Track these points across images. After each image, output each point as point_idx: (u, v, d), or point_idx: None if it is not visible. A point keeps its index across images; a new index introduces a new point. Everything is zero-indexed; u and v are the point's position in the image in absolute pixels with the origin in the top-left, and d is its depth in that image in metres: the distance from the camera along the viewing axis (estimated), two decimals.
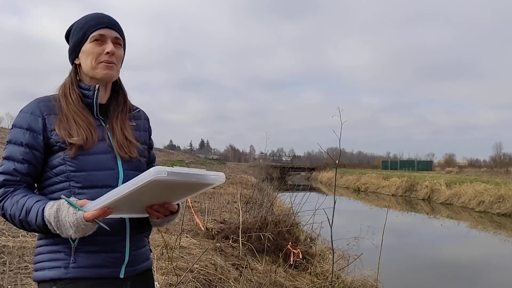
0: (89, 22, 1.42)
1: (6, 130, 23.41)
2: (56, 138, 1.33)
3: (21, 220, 1.25)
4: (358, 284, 5.20)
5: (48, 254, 1.31)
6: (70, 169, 1.32)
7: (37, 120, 1.33)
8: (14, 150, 1.32)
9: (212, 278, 3.95)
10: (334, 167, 39.24)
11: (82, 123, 1.36)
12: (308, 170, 59.42)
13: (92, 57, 1.39)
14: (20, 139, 1.32)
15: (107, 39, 1.41)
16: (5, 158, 1.32)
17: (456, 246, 10.98)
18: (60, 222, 1.19)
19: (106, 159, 1.37)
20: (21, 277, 3.54)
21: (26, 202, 1.25)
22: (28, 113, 1.35)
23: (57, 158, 1.33)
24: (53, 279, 1.29)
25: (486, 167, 48.58)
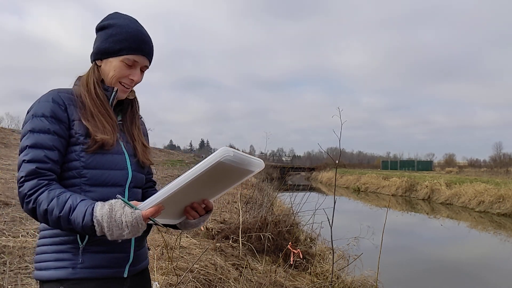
0: (129, 41, 1.38)
1: (6, 130, 23.41)
2: (76, 129, 1.31)
3: (61, 217, 1.19)
4: (358, 284, 5.20)
5: (53, 254, 1.29)
6: (83, 165, 1.31)
7: (61, 108, 1.31)
8: (41, 138, 1.26)
9: (212, 278, 3.96)
10: (334, 167, 39.25)
11: (106, 123, 1.36)
12: (308, 170, 59.42)
13: (115, 75, 1.39)
14: (46, 126, 1.27)
15: (138, 65, 1.41)
16: (30, 147, 1.25)
17: (456, 246, 10.98)
18: (115, 222, 1.16)
19: (119, 159, 1.38)
20: (21, 277, 3.54)
21: (69, 199, 1.21)
22: (49, 101, 1.31)
23: (72, 152, 1.31)
24: (60, 279, 1.27)
25: (486, 167, 48.58)
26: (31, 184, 1.22)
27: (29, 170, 1.23)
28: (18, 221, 5.52)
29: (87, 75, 1.42)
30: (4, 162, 12.65)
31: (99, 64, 1.42)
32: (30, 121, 1.29)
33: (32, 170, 1.23)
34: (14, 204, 6.45)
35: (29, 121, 1.29)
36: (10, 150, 17.26)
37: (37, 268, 1.32)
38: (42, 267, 1.30)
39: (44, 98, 1.32)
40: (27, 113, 1.33)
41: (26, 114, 1.33)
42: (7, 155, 15.14)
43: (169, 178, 16.74)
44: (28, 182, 1.22)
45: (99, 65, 1.42)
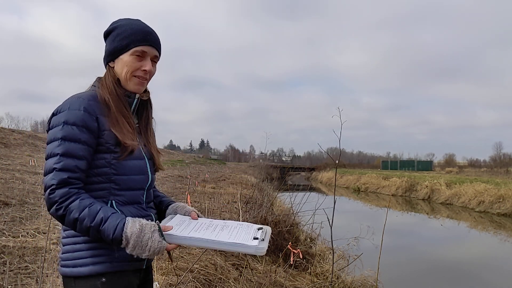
0: (135, 34, 1.44)
1: (6, 130, 23.41)
2: (106, 139, 1.38)
3: (92, 227, 1.26)
4: (358, 284, 5.20)
5: (90, 251, 1.35)
6: (114, 172, 1.39)
7: (92, 118, 1.35)
8: (73, 147, 1.31)
9: (212, 278, 3.95)
10: (334, 167, 39.25)
11: (131, 129, 1.43)
12: (308, 170, 59.43)
13: (128, 69, 1.44)
14: (78, 136, 1.32)
15: (148, 56, 1.46)
16: (62, 155, 1.31)
17: (456, 246, 10.97)
18: (140, 242, 1.26)
19: (142, 164, 1.47)
20: (21, 277, 3.54)
21: (101, 210, 1.28)
22: (81, 110, 1.34)
23: (102, 159, 1.38)
24: (100, 273, 1.35)
25: (486, 167, 48.54)
26: (62, 192, 1.28)
27: (61, 179, 1.29)
28: (18, 221, 5.51)
29: (104, 77, 1.48)
30: (4, 162, 12.64)
31: (112, 66, 1.48)
32: (61, 128, 1.33)
33: (64, 179, 1.29)
34: (14, 204, 6.45)
35: (60, 127, 1.33)
36: (10, 150, 17.25)
37: (71, 265, 1.35)
38: (77, 264, 1.35)
39: (75, 106, 1.35)
40: (53, 115, 1.37)
41: (52, 117, 1.37)
42: (7, 155, 15.13)
43: (169, 178, 16.73)
44: (59, 190, 1.28)
45: (112, 66, 1.48)
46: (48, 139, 1.35)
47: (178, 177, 17.65)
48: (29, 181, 8.99)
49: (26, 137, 22.98)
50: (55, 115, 1.36)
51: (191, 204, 6.10)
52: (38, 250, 4.27)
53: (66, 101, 1.38)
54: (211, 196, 10.49)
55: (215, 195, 10.99)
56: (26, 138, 22.60)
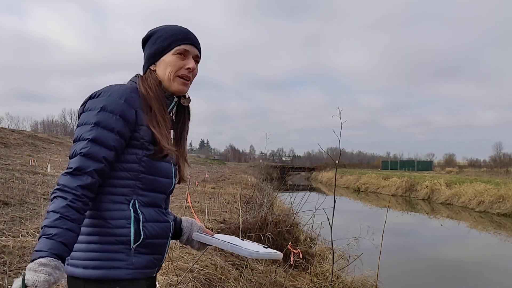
0: (176, 35, 1.43)
1: (6, 130, 23.40)
2: (142, 135, 1.31)
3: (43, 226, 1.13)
4: (358, 284, 5.20)
5: (107, 253, 1.26)
6: (142, 170, 1.33)
7: (131, 110, 1.29)
8: (105, 135, 1.23)
9: (212, 278, 3.95)
10: (334, 167, 39.25)
11: (167, 132, 1.39)
12: (308, 170, 59.46)
13: (172, 69, 1.41)
14: (112, 124, 1.25)
15: (190, 55, 1.44)
16: (91, 141, 1.22)
17: (456, 246, 10.97)
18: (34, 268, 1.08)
19: (169, 168, 1.42)
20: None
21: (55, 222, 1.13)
22: (121, 99, 1.28)
23: (133, 155, 1.31)
24: (116, 279, 1.26)
25: (486, 167, 48.55)
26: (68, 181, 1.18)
27: (84, 163, 1.20)
28: (18, 221, 5.51)
29: (145, 79, 1.42)
30: (4, 162, 12.64)
31: (153, 69, 1.44)
32: (97, 113, 1.25)
33: (87, 164, 1.21)
34: (14, 204, 6.45)
35: (96, 112, 1.25)
36: (10, 150, 17.25)
37: (82, 265, 1.26)
38: (89, 265, 1.25)
39: (116, 94, 1.29)
40: (90, 98, 1.30)
41: (88, 99, 1.30)
42: (7, 155, 15.13)
43: None
44: (69, 177, 1.19)
45: (153, 69, 1.44)
46: (80, 121, 1.27)
47: None
48: (29, 181, 8.98)
49: (26, 137, 22.98)
50: (92, 98, 1.29)
51: (191, 204, 6.09)
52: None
53: (107, 87, 1.32)
54: (211, 196, 10.49)
55: (215, 195, 11.00)
56: (26, 138, 22.59)
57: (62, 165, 14.44)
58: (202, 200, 9.09)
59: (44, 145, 22.72)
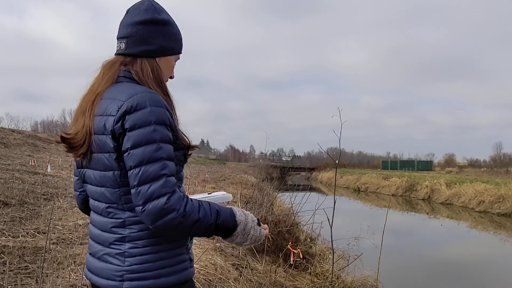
0: (181, 41, 1.46)
1: (6, 130, 23.40)
2: (178, 136, 1.29)
3: (212, 223, 1.21)
4: (358, 284, 5.20)
5: (175, 258, 1.28)
6: (180, 169, 1.34)
7: (170, 115, 1.26)
8: (169, 149, 1.22)
9: (212, 278, 3.95)
10: (334, 167, 39.24)
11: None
12: (308, 170, 59.42)
13: (168, 72, 1.44)
14: (169, 136, 1.23)
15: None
16: (167, 159, 1.20)
17: (456, 246, 10.98)
18: (244, 231, 1.29)
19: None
20: (21, 277, 3.54)
21: (210, 205, 1.24)
22: (163, 108, 1.23)
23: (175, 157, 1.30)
24: (184, 281, 1.29)
25: (486, 167, 48.57)
26: (176, 198, 1.17)
27: (173, 184, 1.19)
28: (18, 221, 5.51)
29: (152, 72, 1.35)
30: (4, 162, 12.63)
31: (157, 61, 1.39)
32: (153, 129, 1.19)
33: (174, 184, 1.19)
34: (14, 204, 6.44)
35: (152, 128, 1.19)
36: (10, 150, 17.25)
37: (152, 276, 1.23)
38: (162, 274, 1.24)
39: (156, 102, 1.22)
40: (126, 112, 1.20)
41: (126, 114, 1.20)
42: (7, 155, 15.12)
43: None
44: (174, 196, 1.17)
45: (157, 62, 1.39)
46: (137, 141, 1.18)
47: None
48: (28, 181, 8.98)
49: (26, 137, 22.97)
50: (130, 113, 1.19)
51: None
52: (38, 250, 4.27)
53: (137, 96, 1.21)
54: None
55: None
56: (26, 138, 22.59)
57: (62, 165, 14.43)
58: None
59: (44, 145, 22.72)
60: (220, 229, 1.24)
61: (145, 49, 1.34)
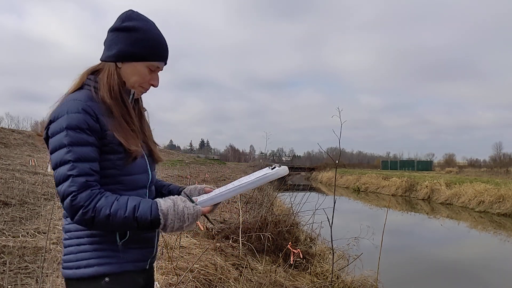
0: (156, 48, 1.43)
1: (6, 130, 23.40)
2: (110, 139, 1.35)
3: (126, 217, 1.26)
4: (358, 284, 5.20)
5: (95, 252, 1.35)
6: (119, 173, 1.38)
7: (93, 119, 1.32)
8: (84, 151, 1.29)
9: (212, 278, 3.95)
10: (334, 167, 39.25)
11: (134, 132, 1.42)
12: (308, 170, 59.43)
13: (138, 79, 1.44)
14: (85, 139, 1.30)
15: (158, 71, 1.48)
16: (75, 161, 1.28)
17: (456, 246, 10.97)
18: (177, 214, 1.31)
19: (143, 162, 1.46)
20: (21, 277, 3.54)
21: (129, 200, 1.29)
22: (81, 113, 1.31)
23: (107, 161, 1.36)
24: (106, 274, 1.35)
25: (486, 167, 48.56)
26: (85, 196, 1.26)
27: (81, 184, 1.26)
28: (18, 221, 5.51)
29: (108, 77, 1.41)
30: (4, 162, 12.63)
31: (119, 67, 1.42)
32: (65, 134, 1.29)
33: (84, 183, 1.27)
34: (14, 204, 6.44)
35: (64, 134, 1.29)
36: (10, 150, 17.25)
37: (74, 266, 1.35)
38: (81, 265, 1.34)
39: (73, 109, 1.31)
40: (51, 122, 1.33)
41: (50, 124, 1.33)
42: (7, 155, 15.12)
43: (169, 178, 16.72)
44: (81, 194, 1.26)
45: (119, 67, 1.42)
46: (53, 147, 1.30)
47: (178, 177, 17.65)
48: (29, 181, 8.98)
49: (26, 137, 22.98)
50: (53, 121, 1.32)
51: None
52: (38, 250, 4.27)
53: (61, 105, 1.33)
54: None
55: None
56: (26, 138, 22.60)
57: None
58: None
59: (44, 145, 22.67)
60: (143, 222, 1.28)
61: (106, 55, 1.43)
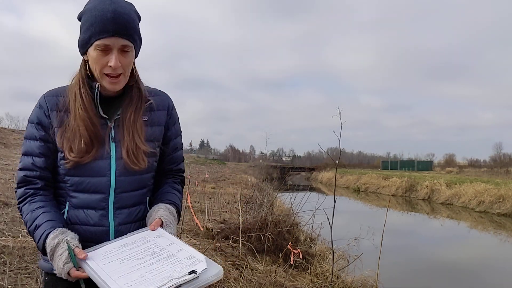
0: (95, 25, 1.23)
1: (6, 130, 23.40)
2: (55, 138, 1.32)
3: (29, 231, 1.28)
4: (358, 284, 5.20)
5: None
6: (64, 173, 1.32)
7: (44, 114, 1.32)
8: (31, 145, 1.32)
9: None
10: (334, 167, 39.23)
11: (86, 134, 1.28)
12: (308, 170, 59.39)
13: (97, 66, 1.28)
14: (34, 133, 1.31)
15: (113, 49, 1.25)
16: (23, 154, 1.33)
17: (456, 246, 10.97)
18: (53, 258, 1.20)
19: (101, 165, 1.31)
20: (21, 277, 3.54)
21: (39, 216, 1.25)
22: (37, 107, 1.34)
23: (57, 159, 1.34)
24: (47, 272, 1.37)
25: (486, 167, 48.56)
26: (20, 192, 1.31)
27: (20, 178, 1.31)
28: (18, 221, 5.51)
29: (78, 72, 1.36)
30: (4, 162, 12.64)
31: (86, 59, 1.33)
32: (26, 127, 1.36)
33: (22, 178, 1.31)
34: (14, 204, 6.45)
35: (26, 126, 1.36)
36: (10, 150, 17.26)
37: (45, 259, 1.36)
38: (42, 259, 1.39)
39: (37, 103, 1.35)
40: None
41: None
42: (7, 155, 15.13)
43: None
44: (19, 190, 1.32)
45: (86, 60, 1.33)
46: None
47: None
48: None
49: None
50: None
51: (191, 204, 6.09)
52: (38, 250, 4.27)
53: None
54: (211, 196, 10.49)
55: (215, 195, 10.99)
56: None
57: None
58: (202, 200, 9.10)
59: None
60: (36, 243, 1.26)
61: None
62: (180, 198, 1.49)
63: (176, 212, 1.41)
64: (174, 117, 1.49)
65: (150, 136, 1.39)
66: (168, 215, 1.34)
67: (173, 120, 1.49)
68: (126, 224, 1.35)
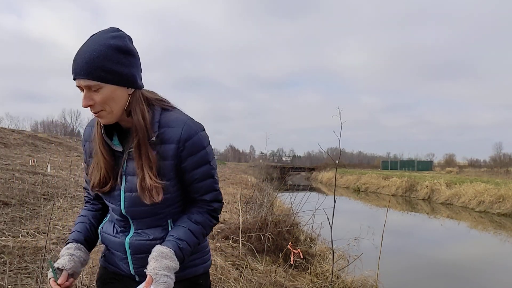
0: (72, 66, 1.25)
1: (6, 130, 23.40)
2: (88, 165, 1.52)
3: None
4: (358, 284, 5.20)
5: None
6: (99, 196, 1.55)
7: (83, 144, 1.53)
8: (85, 167, 1.51)
9: (212, 278, 3.95)
10: (334, 167, 39.24)
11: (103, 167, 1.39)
12: (308, 170, 59.39)
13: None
14: (84, 156, 1.53)
15: (84, 89, 1.24)
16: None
17: (456, 246, 10.97)
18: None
19: (115, 195, 1.41)
20: (21, 277, 3.54)
21: (76, 224, 1.52)
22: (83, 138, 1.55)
23: None
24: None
25: (486, 167, 48.58)
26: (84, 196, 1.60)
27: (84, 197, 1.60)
28: (18, 221, 5.51)
29: None
30: (4, 162, 12.64)
31: None
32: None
33: (84, 197, 1.60)
34: (14, 204, 6.44)
35: None
36: (10, 150, 17.26)
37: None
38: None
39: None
40: None
41: None
42: (7, 155, 15.13)
43: None
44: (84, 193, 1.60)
45: None
46: None
47: None
48: (28, 181, 8.97)
49: (26, 137, 22.96)
50: None
51: None
52: (38, 250, 4.27)
53: None
54: None
55: None
56: (26, 138, 22.58)
57: (62, 165, 14.42)
58: None
59: (44, 145, 22.70)
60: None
61: None
62: (195, 230, 1.39)
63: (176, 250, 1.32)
64: (189, 148, 1.36)
65: (160, 170, 1.34)
66: (157, 266, 1.26)
67: (188, 151, 1.36)
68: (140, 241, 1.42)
